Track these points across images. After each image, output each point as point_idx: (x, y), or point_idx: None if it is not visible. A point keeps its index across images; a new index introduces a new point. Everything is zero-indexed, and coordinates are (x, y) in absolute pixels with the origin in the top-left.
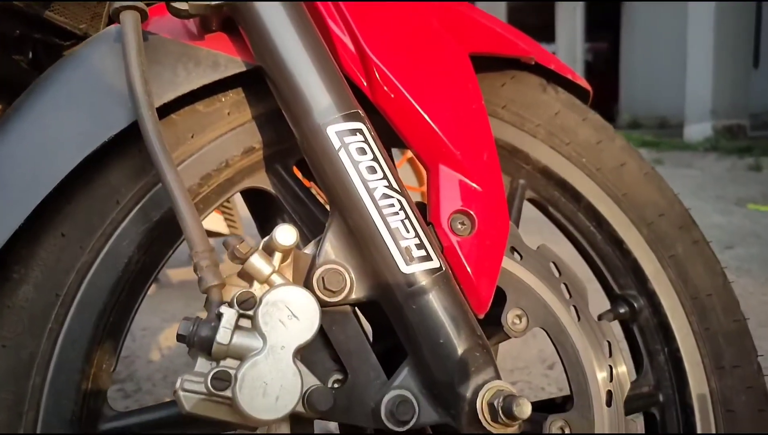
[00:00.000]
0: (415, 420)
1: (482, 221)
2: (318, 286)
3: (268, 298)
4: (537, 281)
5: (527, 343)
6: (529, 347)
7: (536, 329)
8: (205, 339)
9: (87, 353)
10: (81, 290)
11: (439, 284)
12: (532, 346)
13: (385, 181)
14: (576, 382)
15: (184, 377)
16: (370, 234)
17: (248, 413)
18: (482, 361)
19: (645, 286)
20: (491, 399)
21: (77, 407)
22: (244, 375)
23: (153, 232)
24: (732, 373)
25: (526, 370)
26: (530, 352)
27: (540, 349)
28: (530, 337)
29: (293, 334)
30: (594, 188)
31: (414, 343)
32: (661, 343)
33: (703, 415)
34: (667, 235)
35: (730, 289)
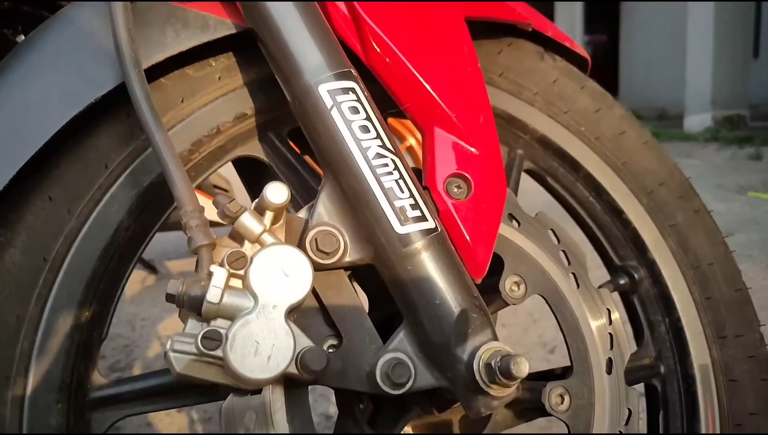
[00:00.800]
0: (411, 383)
1: (479, 184)
2: (311, 247)
3: (260, 257)
4: (535, 248)
5: (527, 330)
6: (529, 334)
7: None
8: (194, 298)
9: (76, 319)
10: (69, 255)
11: (435, 245)
12: (533, 332)
13: (378, 141)
14: (575, 349)
15: (175, 338)
16: (363, 194)
17: (240, 373)
18: (479, 322)
19: (645, 256)
20: (488, 360)
21: (66, 373)
22: (235, 334)
23: (143, 197)
24: (734, 342)
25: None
26: (530, 338)
27: (540, 335)
28: (530, 323)
29: (285, 293)
30: (593, 157)
31: (409, 305)
32: (662, 313)
33: (705, 385)
34: (668, 204)
35: (731, 258)
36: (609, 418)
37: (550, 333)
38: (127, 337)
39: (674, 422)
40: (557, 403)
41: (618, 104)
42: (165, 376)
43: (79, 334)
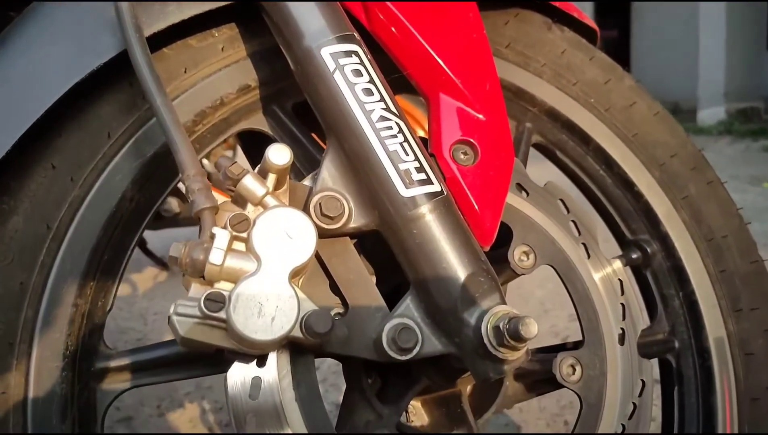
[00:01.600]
0: (418, 349)
1: (485, 151)
2: (315, 212)
3: (262, 220)
4: (545, 218)
5: (539, 320)
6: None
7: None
8: (197, 261)
9: (80, 288)
10: (73, 224)
11: (441, 208)
12: (544, 322)
13: (382, 104)
14: (586, 319)
15: (178, 302)
16: (367, 157)
17: (243, 334)
18: (487, 286)
19: (658, 229)
20: (496, 322)
21: (71, 341)
22: (239, 295)
23: (147, 167)
24: (750, 315)
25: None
26: (542, 328)
27: (552, 325)
28: (542, 313)
29: (289, 254)
30: (603, 129)
31: (416, 269)
32: (676, 287)
33: (720, 359)
34: (680, 176)
35: (746, 230)
36: (622, 388)
37: (562, 323)
38: (140, 331)
39: (689, 397)
40: (568, 373)
41: (628, 75)
42: (171, 347)
43: (84, 303)
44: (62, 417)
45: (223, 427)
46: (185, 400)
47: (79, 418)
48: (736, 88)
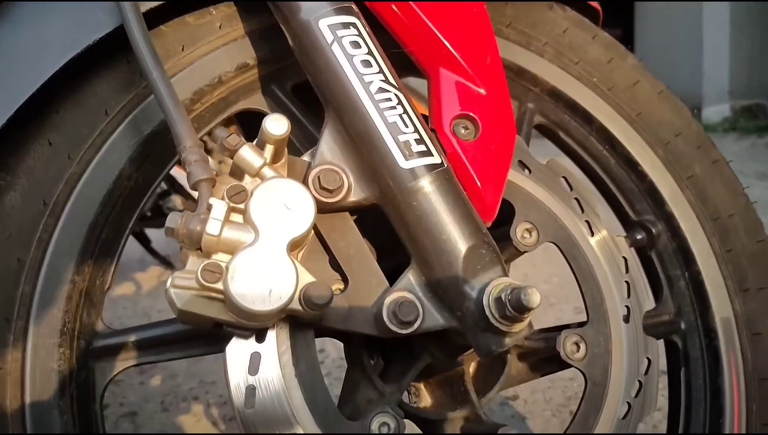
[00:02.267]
0: (419, 323)
1: (486, 125)
2: (314, 186)
3: (260, 190)
4: (547, 195)
5: (545, 312)
6: (546, 316)
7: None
8: (194, 232)
9: (78, 265)
10: (71, 201)
11: (441, 180)
12: (550, 315)
13: (381, 75)
14: (590, 296)
15: (175, 274)
16: (366, 129)
17: (240, 304)
18: (488, 259)
19: (662, 209)
20: (498, 294)
21: (69, 318)
22: (236, 265)
23: (145, 146)
24: (757, 295)
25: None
26: (548, 320)
27: (558, 318)
28: (547, 306)
29: (287, 226)
30: (606, 109)
31: (416, 243)
32: (681, 267)
33: (727, 339)
34: (685, 156)
35: (752, 210)
36: (627, 366)
37: (567, 316)
38: None
39: (696, 379)
40: (572, 351)
41: (631, 54)
42: (169, 326)
43: (82, 280)
44: (60, 393)
45: (227, 421)
46: (189, 395)
47: (78, 395)
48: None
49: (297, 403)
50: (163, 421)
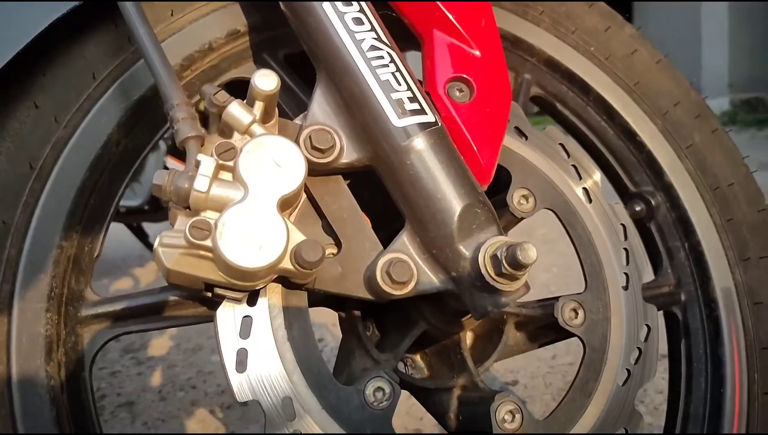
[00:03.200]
0: (413, 284)
1: (481, 87)
2: (306, 146)
3: (249, 147)
4: (544, 162)
5: None
6: None
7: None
8: (181, 189)
9: (65, 230)
10: (58, 165)
11: (435, 139)
12: None
13: (373, 33)
14: (588, 263)
15: (163, 234)
16: (359, 87)
17: (230, 260)
18: (484, 218)
19: (661, 179)
20: (494, 252)
21: (56, 283)
22: (225, 222)
23: (134, 111)
24: (758, 264)
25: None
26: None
27: None
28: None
29: (277, 182)
30: (604, 79)
31: (410, 202)
32: (681, 238)
33: (728, 309)
34: (684, 125)
35: (752, 179)
36: (626, 333)
37: None
38: None
39: (697, 349)
40: (571, 317)
41: (628, 24)
42: (160, 295)
43: (70, 245)
44: (47, 358)
45: (225, 409)
46: (187, 385)
47: (66, 361)
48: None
49: (290, 366)
50: (160, 410)
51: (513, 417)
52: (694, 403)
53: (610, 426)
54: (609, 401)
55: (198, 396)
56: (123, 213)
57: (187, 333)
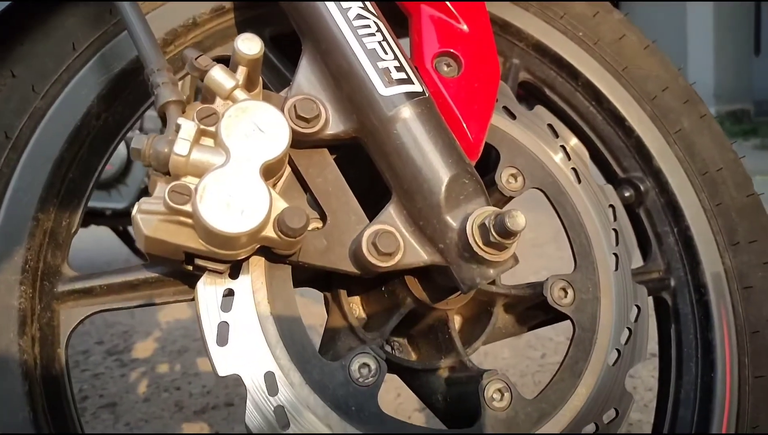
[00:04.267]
0: (400, 256)
1: (469, 62)
2: (290, 115)
3: (231, 112)
4: (533, 142)
5: None
6: None
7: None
8: (161, 153)
9: (42, 202)
10: (35, 136)
11: (422, 108)
12: None
13: (359, 3)
14: (578, 243)
15: (142, 200)
16: (345, 56)
17: (210, 225)
18: (472, 189)
19: (650, 165)
20: (482, 221)
21: (31, 256)
22: (205, 185)
23: (115, 84)
24: (748, 248)
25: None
26: None
27: None
28: None
29: (260, 147)
30: (592, 64)
31: (397, 173)
32: (670, 223)
33: (718, 293)
34: (672, 110)
35: (740, 164)
36: (616, 313)
37: None
38: (127, 324)
39: (687, 334)
40: (560, 296)
41: (616, 9)
42: (138, 272)
43: (46, 218)
44: (20, 332)
45: (210, 409)
46: (171, 386)
47: (41, 337)
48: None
49: (272, 340)
50: (144, 411)
51: (502, 395)
52: (684, 387)
53: (601, 406)
54: (599, 381)
55: (183, 397)
56: (109, 216)
57: (173, 335)
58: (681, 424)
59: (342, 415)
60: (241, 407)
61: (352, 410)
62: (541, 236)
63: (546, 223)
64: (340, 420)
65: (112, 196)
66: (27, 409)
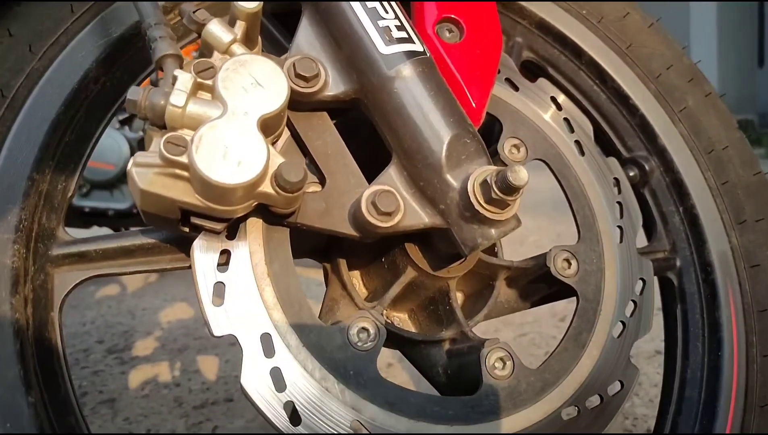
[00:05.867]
0: (400, 216)
1: (471, 28)
2: (290, 75)
3: (229, 65)
4: (536, 113)
5: None
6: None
7: None
8: (157, 105)
9: (38, 162)
10: (32, 96)
11: (423, 67)
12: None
13: None
14: (581, 214)
15: (137, 154)
16: (344, 15)
17: (206, 176)
18: (473, 149)
19: (655, 144)
20: (483, 178)
21: (25, 216)
22: (202, 135)
23: (114, 48)
24: (755, 227)
25: (536, 323)
26: (541, 310)
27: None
28: None
29: (258, 101)
30: (596, 42)
31: (397, 133)
32: (675, 203)
33: (724, 272)
34: (677, 88)
35: (746, 142)
36: (620, 285)
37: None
38: (127, 325)
39: (693, 314)
40: (563, 267)
41: None
42: (135, 237)
43: (42, 180)
44: (13, 290)
45: (209, 405)
46: (171, 382)
47: (34, 299)
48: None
49: (269, 302)
50: (143, 406)
51: (504, 364)
52: (691, 367)
53: (605, 377)
54: (603, 352)
55: (182, 393)
56: (111, 216)
57: (173, 334)
58: (688, 404)
59: (340, 378)
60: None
61: (351, 374)
62: (544, 239)
63: (547, 228)
64: (338, 383)
65: (114, 196)
66: (18, 368)
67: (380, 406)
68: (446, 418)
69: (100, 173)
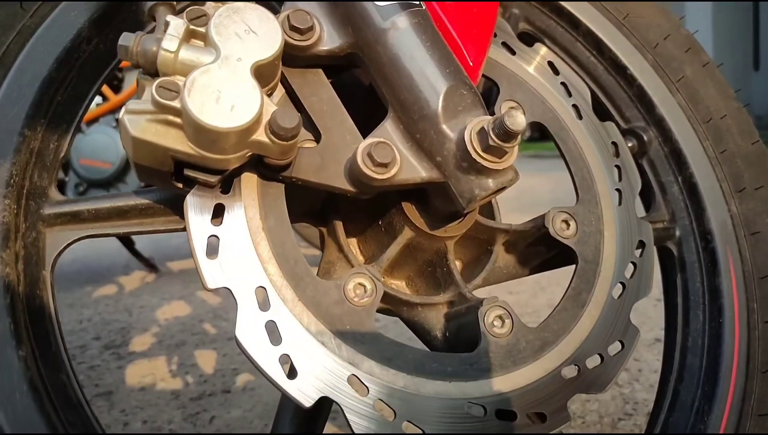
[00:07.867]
0: (396, 169)
1: None
2: (284, 27)
3: (222, 11)
4: (533, 77)
5: (536, 295)
6: (537, 298)
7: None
8: (149, 51)
9: (29, 119)
10: (23, 53)
11: (418, 19)
12: (541, 296)
13: None
14: (580, 177)
15: (129, 101)
16: None
17: (198, 119)
18: (470, 100)
19: (653, 114)
20: (480, 127)
21: (17, 172)
22: (194, 79)
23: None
24: (754, 194)
25: (535, 314)
26: (539, 302)
27: (548, 299)
28: (539, 289)
29: (251, 47)
30: (592, 12)
31: (393, 85)
32: (674, 172)
33: (724, 240)
34: (674, 58)
35: (744, 112)
36: (620, 247)
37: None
38: (124, 321)
39: (693, 283)
40: (562, 228)
41: None
42: (129, 198)
43: (33, 137)
44: (3, 245)
45: (207, 396)
46: (168, 376)
47: (25, 255)
48: None
49: (264, 255)
50: (139, 398)
51: (502, 322)
52: (692, 335)
53: (606, 337)
54: (603, 312)
55: (179, 386)
56: None
57: (171, 331)
58: (689, 372)
59: (337, 333)
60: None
61: (347, 329)
62: None
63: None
64: (335, 338)
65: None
66: (8, 320)
67: (378, 361)
68: (444, 374)
69: (96, 171)
